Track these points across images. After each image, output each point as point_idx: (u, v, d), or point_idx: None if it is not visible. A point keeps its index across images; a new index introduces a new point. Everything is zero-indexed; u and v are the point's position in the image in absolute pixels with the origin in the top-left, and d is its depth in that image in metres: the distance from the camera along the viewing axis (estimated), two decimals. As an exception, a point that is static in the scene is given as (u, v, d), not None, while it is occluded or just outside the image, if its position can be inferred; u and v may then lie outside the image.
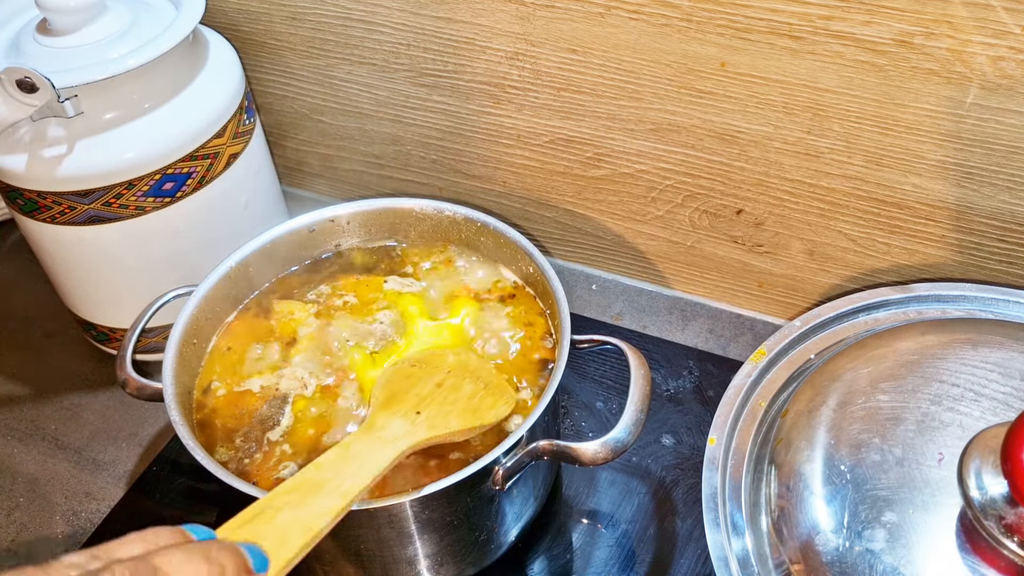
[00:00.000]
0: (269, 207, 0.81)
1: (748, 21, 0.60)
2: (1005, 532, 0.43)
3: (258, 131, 0.77)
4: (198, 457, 0.53)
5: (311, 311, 0.66)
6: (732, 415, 0.59)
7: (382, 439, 0.50)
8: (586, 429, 0.72)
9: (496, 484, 0.54)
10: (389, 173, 0.87)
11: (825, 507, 0.49)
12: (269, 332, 0.65)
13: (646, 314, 0.82)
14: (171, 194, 0.68)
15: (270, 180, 0.81)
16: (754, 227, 0.73)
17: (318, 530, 0.40)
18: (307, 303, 0.67)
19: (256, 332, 0.65)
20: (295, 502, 0.41)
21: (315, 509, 0.41)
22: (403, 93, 0.79)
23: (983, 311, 0.63)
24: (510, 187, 0.82)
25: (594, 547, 0.65)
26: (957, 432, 0.48)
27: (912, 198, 0.65)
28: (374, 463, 0.47)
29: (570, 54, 0.68)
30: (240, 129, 0.73)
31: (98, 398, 0.77)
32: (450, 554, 0.58)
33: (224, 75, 0.72)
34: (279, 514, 0.40)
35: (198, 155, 0.68)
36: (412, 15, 0.72)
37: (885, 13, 0.56)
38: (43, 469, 0.72)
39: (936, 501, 0.47)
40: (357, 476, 0.45)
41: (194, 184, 0.69)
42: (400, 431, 0.51)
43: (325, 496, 0.43)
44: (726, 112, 0.66)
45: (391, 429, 0.51)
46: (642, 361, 0.58)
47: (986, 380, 0.51)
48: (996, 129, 0.59)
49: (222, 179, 0.71)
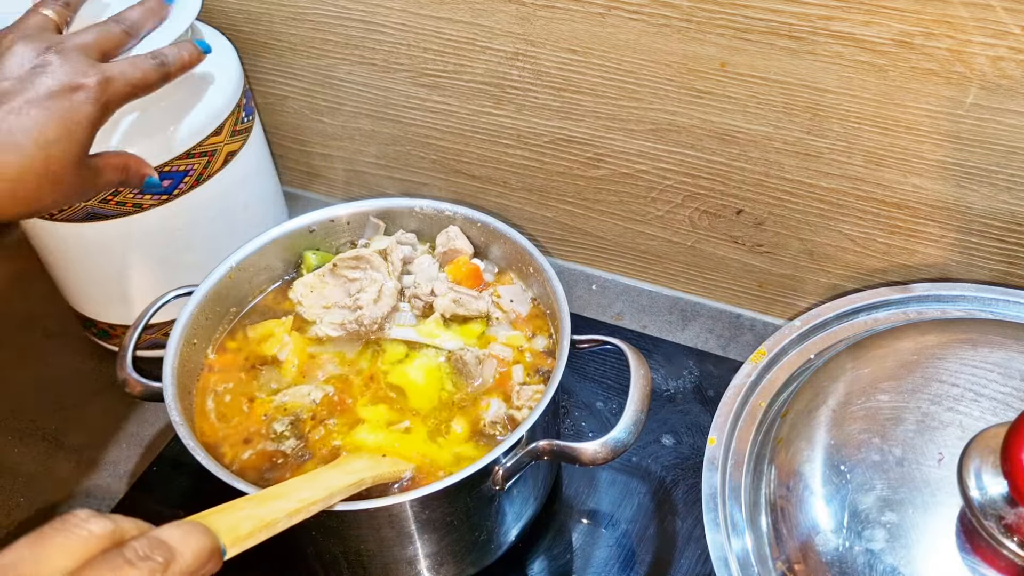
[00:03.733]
0: (268, 207, 0.81)
1: (748, 21, 0.60)
2: (1005, 532, 0.43)
3: (257, 130, 0.77)
4: (198, 457, 0.53)
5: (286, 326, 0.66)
6: (732, 415, 0.59)
7: (345, 470, 0.54)
8: (586, 429, 0.72)
9: (496, 484, 0.54)
10: (389, 173, 0.87)
11: (825, 507, 0.49)
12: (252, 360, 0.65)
13: (646, 314, 0.82)
14: (168, 191, 0.68)
15: (269, 179, 0.81)
16: (754, 227, 0.73)
17: (268, 521, 0.43)
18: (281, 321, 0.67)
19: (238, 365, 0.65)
20: (256, 503, 0.45)
21: (271, 507, 0.45)
22: (403, 93, 0.79)
23: (983, 311, 0.63)
24: (510, 187, 0.82)
25: (594, 547, 0.65)
26: (957, 432, 0.48)
27: (912, 198, 0.65)
28: (333, 484, 0.50)
29: (570, 54, 0.68)
30: (238, 127, 0.72)
31: (98, 398, 0.77)
32: (450, 554, 0.58)
33: (222, 72, 0.71)
34: (240, 511, 0.43)
35: (195, 152, 0.68)
36: (412, 15, 0.72)
37: (885, 13, 0.56)
38: (43, 469, 0.72)
39: (936, 501, 0.47)
40: (316, 490, 0.48)
41: (191, 181, 0.69)
42: (364, 465, 0.55)
43: (283, 501, 0.46)
44: (726, 112, 0.66)
45: (356, 463, 0.55)
46: (642, 361, 0.58)
47: (986, 380, 0.51)
48: (996, 129, 0.59)
49: (220, 177, 0.71)
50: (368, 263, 0.66)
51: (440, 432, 0.59)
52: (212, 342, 0.65)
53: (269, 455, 0.58)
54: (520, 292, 0.67)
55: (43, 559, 0.33)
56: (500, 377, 0.62)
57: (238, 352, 0.65)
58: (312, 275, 0.67)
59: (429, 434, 0.59)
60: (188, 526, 0.37)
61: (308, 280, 0.67)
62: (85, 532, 0.34)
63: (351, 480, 0.51)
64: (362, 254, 0.67)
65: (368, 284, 0.65)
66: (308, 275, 0.67)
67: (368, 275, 0.66)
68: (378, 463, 0.56)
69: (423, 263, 0.68)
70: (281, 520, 0.44)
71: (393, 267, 0.67)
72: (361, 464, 0.55)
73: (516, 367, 0.62)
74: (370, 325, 0.64)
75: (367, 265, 0.66)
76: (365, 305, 0.64)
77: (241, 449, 0.59)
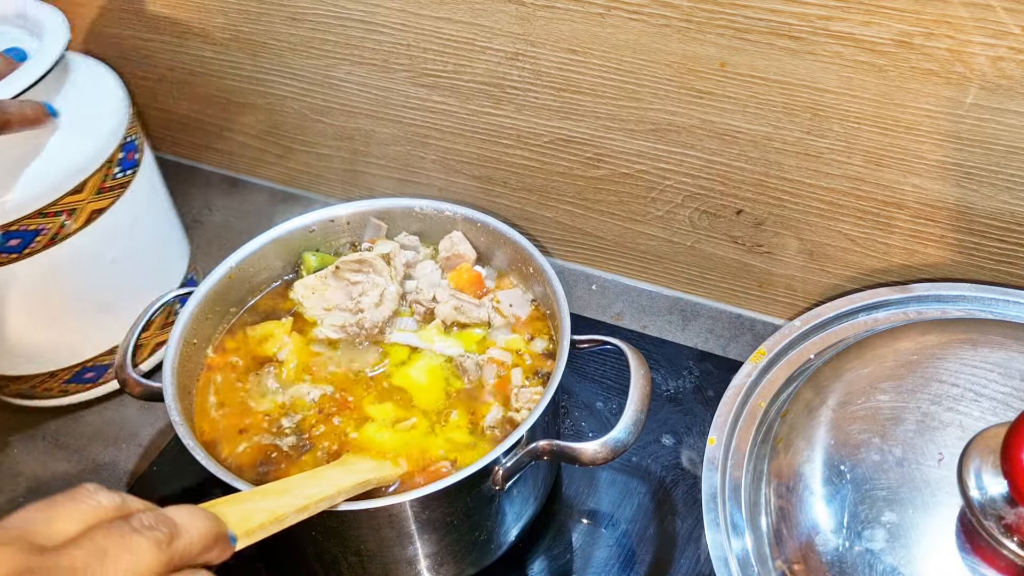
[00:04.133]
0: (150, 260, 0.73)
1: (748, 21, 0.60)
2: (1005, 532, 0.43)
3: (142, 181, 0.70)
4: (198, 457, 0.53)
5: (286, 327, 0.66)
6: (732, 415, 0.59)
7: (351, 469, 0.54)
8: (586, 429, 0.72)
9: (496, 484, 0.54)
10: (389, 173, 0.87)
11: (825, 507, 0.49)
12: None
13: (646, 314, 0.82)
14: (17, 250, 0.62)
15: (152, 231, 0.73)
16: (754, 227, 0.73)
17: (279, 514, 0.43)
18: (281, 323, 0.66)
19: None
20: (261, 496, 0.46)
21: (279, 502, 0.45)
22: (403, 93, 0.79)
23: (983, 311, 0.63)
24: (510, 187, 0.82)
25: (594, 547, 0.65)
26: (957, 432, 0.48)
27: (912, 198, 0.65)
28: (339, 482, 0.51)
29: (570, 54, 0.68)
30: (108, 184, 0.65)
31: (98, 398, 0.77)
32: (450, 554, 0.58)
33: (92, 121, 0.64)
34: (247, 503, 0.44)
35: (48, 212, 0.61)
36: (412, 15, 0.72)
37: (885, 13, 0.56)
38: (43, 469, 0.72)
39: (936, 501, 0.47)
40: (322, 487, 0.49)
41: (45, 241, 0.63)
42: (369, 466, 0.55)
43: (290, 497, 0.47)
44: (726, 112, 0.66)
45: (361, 464, 0.56)
46: (642, 361, 0.58)
47: (986, 380, 0.51)
48: (996, 129, 0.59)
49: (81, 236, 0.64)
50: (371, 267, 0.66)
51: (442, 423, 0.60)
52: (212, 342, 0.65)
53: (264, 449, 0.58)
54: (520, 296, 0.67)
55: (52, 521, 0.34)
56: (499, 381, 0.62)
57: (238, 351, 0.65)
58: (313, 276, 0.67)
59: (433, 427, 0.60)
60: (196, 508, 0.38)
61: (309, 281, 0.67)
62: (94, 502, 0.35)
63: (357, 479, 0.51)
64: (365, 257, 0.67)
65: (370, 288, 0.65)
66: (309, 276, 0.67)
67: (370, 279, 0.66)
68: (382, 465, 0.56)
69: (426, 268, 0.68)
70: (291, 515, 0.44)
71: (396, 271, 0.67)
72: (366, 465, 0.55)
73: (515, 370, 0.62)
74: (371, 329, 0.64)
75: (370, 268, 0.66)
76: (367, 308, 0.64)
77: (236, 443, 0.59)
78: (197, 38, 0.86)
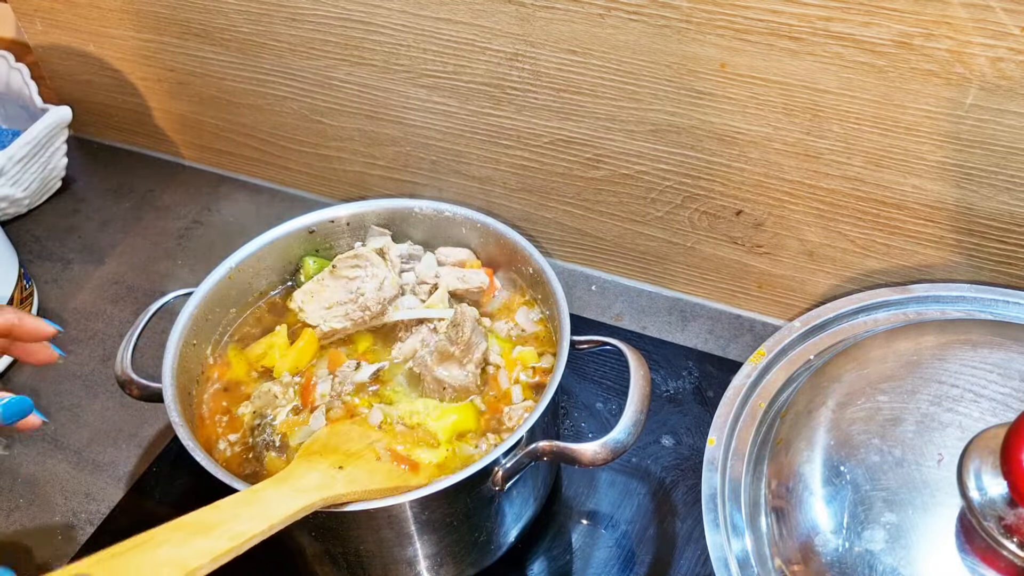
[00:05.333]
0: None
1: (747, 22, 0.60)
2: (1005, 533, 0.43)
3: None
4: (198, 457, 0.53)
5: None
6: (732, 416, 0.59)
7: (294, 488, 0.48)
8: (586, 430, 0.72)
9: (496, 485, 0.54)
10: (389, 174, 0.87)
11: (825, 507, 0.49)
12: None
13: (646, 314, 0.82)
14: None
15: None
16: (753, 228, 0.73)
17: (192, 568, 0.38)
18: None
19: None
20: (179, 540, 0.40)
21: (197, 548, 0.40)
22: (403, 94, 0.79)
23: (982, 312, 0.63)
24: (510, 188, 0.82)
25: (594, 548, 0.65)
26: (957, 433, 0.48)
27: (911, 199, 0.65)
28: (277, 511, 0.45)
29: (570, 55, 0.68)
30: None
31: (98, 398, 0.77)
32: (450, 555, 0.58)
33: None
34: (159, 549, 0.39)
35: None
36: (412, 16, 0.72)
37: (884, 14, 0.56)
38: (43, 469, 0.72)
39: (936, 502, 0.47)
40: (254, 521, 0.43)
41: None
42: (314, 483, 0.49)
43: (212, 539, 0.41)
44: (725, 113, 0.66)
45: (306, 480, 0.49)
46: (642, 362, 0.58)
47: (985, 381, 0.51)
48: (995, 130, 0.59)
49: None
50: (368, 260, 0.66)
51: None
52: (212, 343, 0.65)
53: (249, 449, 0.59)
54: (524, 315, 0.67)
55: None
56: (493, 400, 0.62)
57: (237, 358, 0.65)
58: (310, 282, 0.67)
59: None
60: None
61: (307, 288, 0.67)
62: None
63: (297, 506, 0.46)
64: (361, 252, 0.67)
65: (369, 279, 0.66)
66: (307, 283, 0.68)
67: (368, 271, 0.66)
68: (332, 481, 0.50)
69: (427, 259, 0.70)
70: (205, 566, 0.39)
71: (392, 264, 0.67)
72: (312, 480, 0.49)
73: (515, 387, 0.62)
74: (374, 307, 0.64)
75: (367, 263, 0.66)
76: (367, 292, 0.65)
77: (227, 446, 0.60)
78: (197, 38, 0.86)
